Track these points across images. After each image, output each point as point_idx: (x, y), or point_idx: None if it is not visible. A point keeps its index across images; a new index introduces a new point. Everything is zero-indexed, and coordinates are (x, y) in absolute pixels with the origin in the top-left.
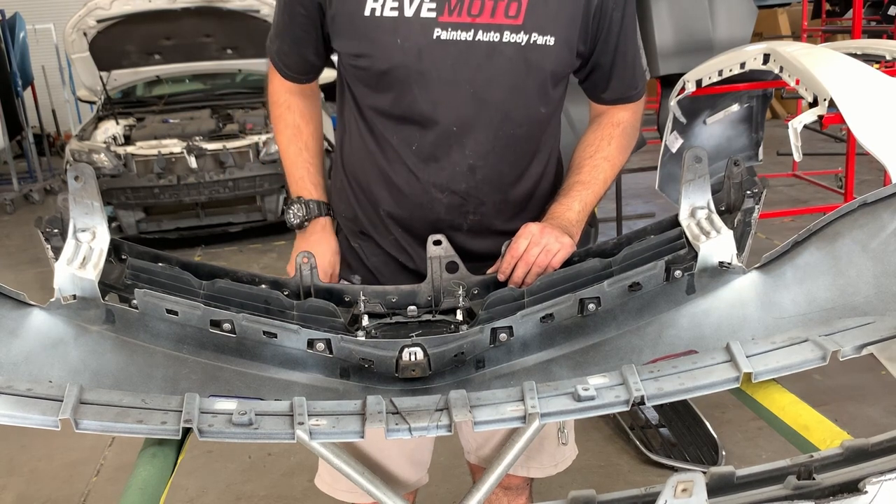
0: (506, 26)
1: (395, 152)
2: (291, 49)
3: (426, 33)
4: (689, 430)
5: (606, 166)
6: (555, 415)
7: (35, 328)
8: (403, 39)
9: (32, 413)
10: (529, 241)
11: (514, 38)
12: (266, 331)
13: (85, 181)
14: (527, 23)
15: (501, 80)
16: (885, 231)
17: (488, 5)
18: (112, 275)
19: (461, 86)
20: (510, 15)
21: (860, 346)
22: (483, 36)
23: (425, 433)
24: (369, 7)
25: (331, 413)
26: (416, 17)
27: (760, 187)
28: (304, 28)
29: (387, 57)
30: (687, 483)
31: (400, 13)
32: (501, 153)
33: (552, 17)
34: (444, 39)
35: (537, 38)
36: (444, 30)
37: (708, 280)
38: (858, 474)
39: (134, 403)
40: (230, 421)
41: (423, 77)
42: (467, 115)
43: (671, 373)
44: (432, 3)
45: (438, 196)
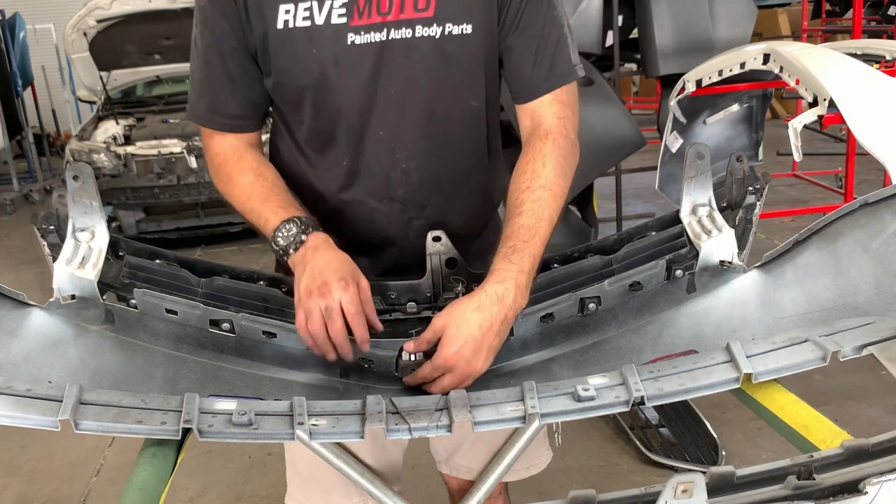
0: (417, 20)
1: (328, 170)
2: (230, 94)
3: (339, 40)
4: (689, 430)
5: (548, 197)
6: (555, 415)
7: (34, 328)
8: (318, 48)
9: (32, 413)
10: (460, 360)
11: (428, 32)
12: (266, 330)
13: (84, 181)
14: (438, 14)
15: (421, 76)
16: (887, 231)
17: (396, 2)
18: (110, 273)
19: (382, 88)
20: (420, 8)
21: (860, 346)
22: (396, 34)
23: (425, 433)
24: (282, 20)
25: (330, 413)
26: (327, 25)
27: (762, 183)
28: (239, 63)
29: (306, 68)
30: (687, 484)
31: (312, 22)
32: (434, 152)
33: (465, 5)
34: (358, 44)
35: (452, 28)
36: (357, 34)
37: (708, 279)
38: (859, 474)
39: (133, 404)
40: (230, 421)
41: (344, 85)
42: (392, 118)
43: (671, 373)
44: (342, 8)
45: (377, 206)
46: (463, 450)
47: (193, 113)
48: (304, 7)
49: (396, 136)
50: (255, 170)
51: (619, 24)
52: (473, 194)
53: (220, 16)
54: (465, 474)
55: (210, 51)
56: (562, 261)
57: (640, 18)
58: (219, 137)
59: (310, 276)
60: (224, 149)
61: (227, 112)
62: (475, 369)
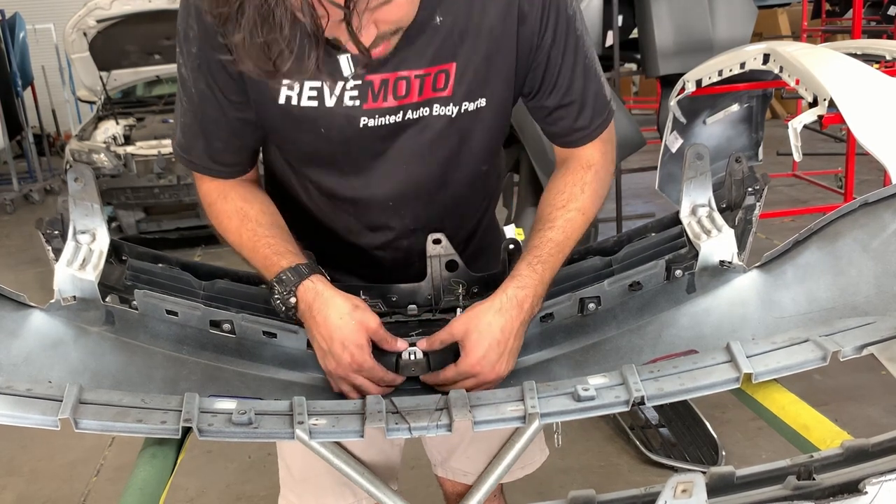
0: (434, 100)
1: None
2: (228, 143)
3: (351, 123)
4: (689, 429)
5: (580, 221)
6: (555, 415)
7: (35, 329)
8: (327, 130)
9: (32, 413)
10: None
11: (444, 111)
12: (266, 331)
13: (85, 183)
14: (456, 93)
15: (434, 152)
16: (886, 231)
17: (415, 84)
18: (112, 276)
19: (393, 164)
20: (438, 88)
21: (861, 346)
22: (412, 114)
23: (425, 433)
24: (284, 95)
25: (330, 412)
26: (338, 108)
27: (762, 184)
28: (235, 115)
29: (311, 144)
30: (687, 484)
31: (320, 103)
32: (443, 213)
33: (482, 81)
34: (371, 126)
35: (467, 105)
36: (371, 117)
37: (708, 279)
38: (858, 475)
39: (133, 403)
40: (230, 420)
41: (352, 161)
42: (401, 189)
43: (671, 373)
44: (354, 90)
45: (380, 255)
46: (459, 453)
47: (186, 158)
48: (312, 87)
49: (405, 204)
50: (240, 212)
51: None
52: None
53: (219, 69)
54: (461, 478)
55: (207, 100)
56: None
57: (640, 18)
58: (206, 180)
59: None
60: (211, 191)
61: (223, 161)
62: (500, 373)
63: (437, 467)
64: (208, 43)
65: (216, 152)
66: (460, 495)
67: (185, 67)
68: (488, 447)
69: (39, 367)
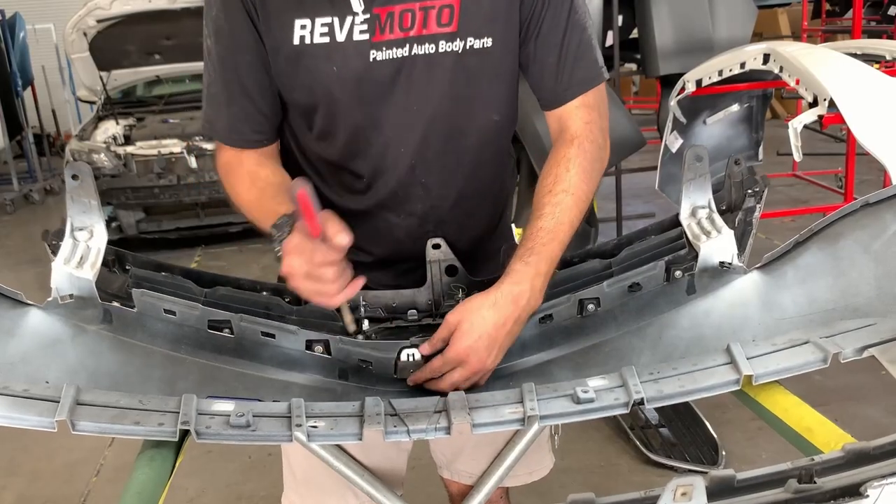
0: (440, 35)
1: (343, 184)
2: (247, 109)
3: (362, 57)
4: (690, 430)
5: (569, 201)
6: (554, 417)
7: (32, 327)
8: (339, 67)
9: (29, 414)
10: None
11: (450, 47)
12: (264, 331)
13: (82, 179)
14: (461, 28)
15: (443, 92)
16: (888, 232)
17: (419, 16)
18: (115, 284)
19: (402, 104)
20: (443, 23)
21: (861, 348)
22: (418, 49)
23: (423, 435)
24: (297, 35)
25: (329, 415)
26: (349, 42)
27: (762, 186)
28: (256, 77)
29: (323, 85)
30: (686, 487)
31: (332, 39)
32: (454, 167)
33: (487, 18)
34: (380, 60)
35: (474, 42)
36: (380, 50)
37: (708, 280)
38: (860, 478)
39: (131, 405)
40: (228, 422)
41: (364, 103)
42: (413, 135)
43: (671, 375)
44: (364, 24)
45: (395, 221)
46: (464, 455)
47: (212, 129)
48: (323, 23)
49: (416, 152)
50: (251, 174)
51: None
52: (491, 206)
53: (235, 24)
54: (467, 479)
55: (226, 64)
56: (562, 265)
57: (640, 18)
58: (233, 153)
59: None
60: (230, 158)
61: (245, 129)
62: (486, 365)
63: (443, 469)
64: None
65: (237, 121)
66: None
67: (208, 37)
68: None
69: (37, 365)
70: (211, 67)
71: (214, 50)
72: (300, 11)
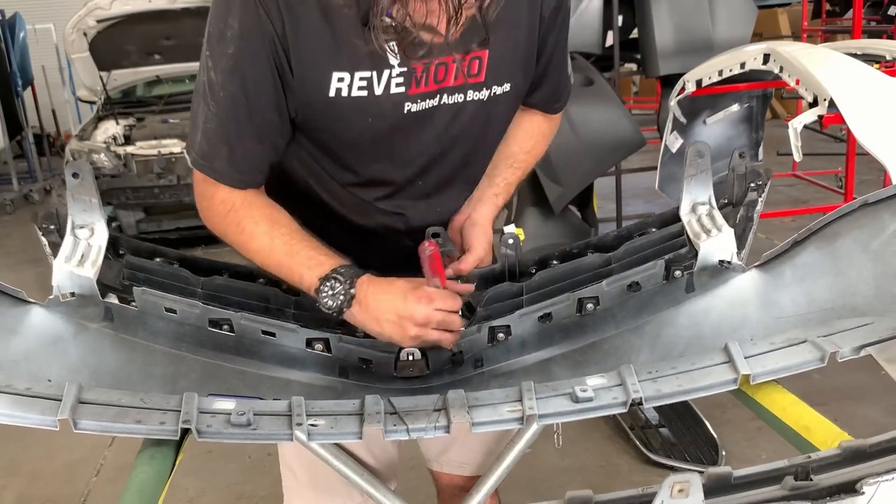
0: (469, 85)
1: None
2: (254, 151)
3: (397, 109)
4: (689, 430)
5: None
6: (553, 416)
7: (34, 326)
8: (374, 119)
9: (31, 413)
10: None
11: (477, 96)
12: (265, 330)
13: (83, 178)
14: (488, 78)
15: (466, 135)
16: (886, 232)
17: (452, 68)
18: (110, 273)
19: (429, 149)
20: (472, 73)
21: (858, 347)
22: (448, 99)
23: (423, 434)
24: (334, 88)
25: (329, 413)
26: (386, 95)
27: (764, 179)
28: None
29: (355, 135)
30: (683, 484)
31: (370, 93)
32: (463, 192)
33: (510, 66)
34: (414, 112)
35: (497, 89)
36: (414, 102)
37: (708, 279)
38: (856, 475)
39: (132, 403)
40: (228, 421)
41: (393, 148)
42: (434, 174)
43: (669, 374)
44: (400, 77)
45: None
46: (455, 446)
47: (208, 166)
48: (362, 77)
49: (436, 189)
50: (269, 217)
51: (619, 24)
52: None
53: (257, 71)
54: (458, 469)
55: (237, 103)
56: (561, 257)
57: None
58: (225, 191)
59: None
60: (229, 197)
61: (247, 170)
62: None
63: (432, 462)
64: (259, 36)
65: (239, 160)
66: (457, 487)
67: (213, 71)
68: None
69: (39, 363)
70: (214, 103)
71: (223, 87)
72: (339, 66)
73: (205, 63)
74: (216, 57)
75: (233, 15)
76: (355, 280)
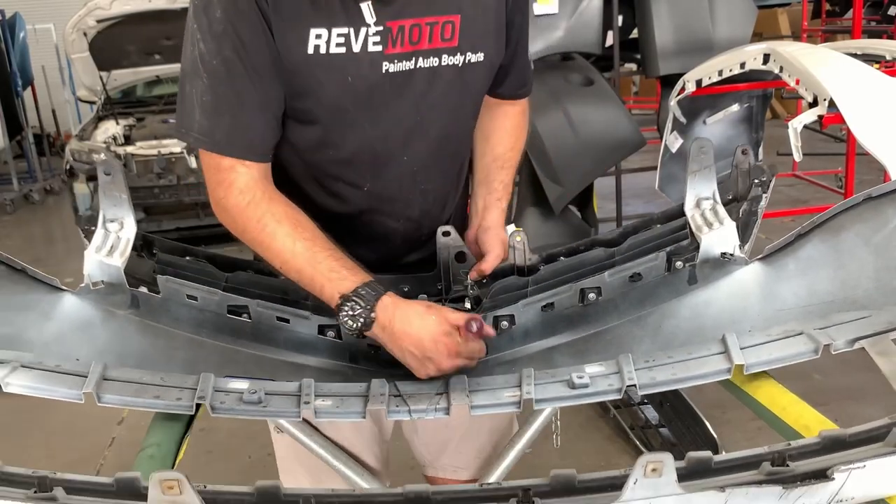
0: (443, 49)
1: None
2: (259, 118)
3: (375, 69)
4: (689, 430)
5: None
6: (549, 401)
7: (66, 311)
8: (353, 77)
9: (59, 387)
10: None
11: (452, 61)
12: (279, 316)
13: (114, 175)
14: (462, 43)
15: (443, 103)
16: (889, 226)
17: (426, 31)
18: (143, 269)
19: (408, 116)
20: (446, 38)
21: (853, 339)
22: (423, 62)
23: (423, 415)
24: (312, 44)
25: (336, 394)
26: (364, 53)
27: (769, 176)
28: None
29: (334, 96)
30: (657, 463)
31: (348, 49)
32: (446, 171)
33: (482, 34)
34: (391, 72)
35: (471, 56)
36: (391, 62)
37: (710, 271)
38: (831, 463)
39: (153, 381)
40: (241, 399)
41: (372, 114)
42: (414, 143)
43: (665, 363)
44: (377, 36)
45: (394, 226)
46: (449, 450)
47: (209, 140)
48: (339, 33)
49: (418, 160)
50: (292, 218)
51: (619, 24)
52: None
53: (247, 27)
54: (452, 474)
55: (233, 68)
56: (567, 253)
57: (640, 18)
58: (243, 170)
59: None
60: (252, 185)
61: (256, 137)
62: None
63: (427, 467)
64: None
65: (248, 129)
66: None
67: (203, 41)
68: (479, 443)
69: (69, 346)
70: (206, 74)
71: (217, 53)
72: (316, 21)
73: (192, 36)
74: (204, 25)
75: None
76: (376, 304)
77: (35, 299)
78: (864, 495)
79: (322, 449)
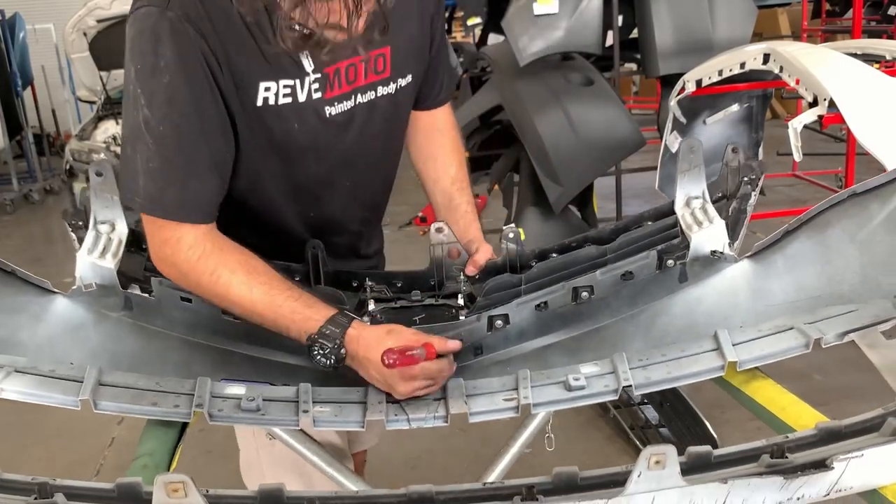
0: (378, 82)
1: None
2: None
3: (319, 115)
4: (689, 430)
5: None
6: (546, 405)
7: (58, 314)
8: (299, 124)
9: (55, 392)
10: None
11: (386, 90)
12: None
13: (105, 176)
14: (393, 72)
15: (381, 129)
16: (873, 221)
17: (360, 67)
18: (133, 265)
19: (350, 149)
20: (379, 70)
21: (842, 333)
22: (362, 98)
23: (423, 424)
24: (261, 97)
25: (334, 401)
26: (308, 102)
27: (758, 173)
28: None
29: (282, 141)
30: (660, 455)
31: (294, 100)
32: (381, 190)
33: (408, 58)
34: (334, 115)
35: (401, 81)
36: (332, 105)
37: (700, 269)
38: (829, 454)
39: (149, 386)
40: (239, 406)
41: (317, 152)
42: (356, 171)
43: (659, 361)
44: (316, 83)
45: (337, 240)
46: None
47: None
48: (286, 84)
49: (358, 185)
50: (245, 264)
51: (619, 24)
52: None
53: (197, 87)
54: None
55: (183, 133)
56: (559, 250)
57: (640, 18)
58: (190, 229)
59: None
60: (201, 238)
61: (204, 201)
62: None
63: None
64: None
65: (197, 193)
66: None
67: (148, 107)
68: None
69: (62, 349)
70: (151, 140)
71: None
72: (265, 75)
73: (135, 102)
74: (150, 92)
75: (163, 43)
76: (343, 339)
77: (25, 301)
78: (862, 484)
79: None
